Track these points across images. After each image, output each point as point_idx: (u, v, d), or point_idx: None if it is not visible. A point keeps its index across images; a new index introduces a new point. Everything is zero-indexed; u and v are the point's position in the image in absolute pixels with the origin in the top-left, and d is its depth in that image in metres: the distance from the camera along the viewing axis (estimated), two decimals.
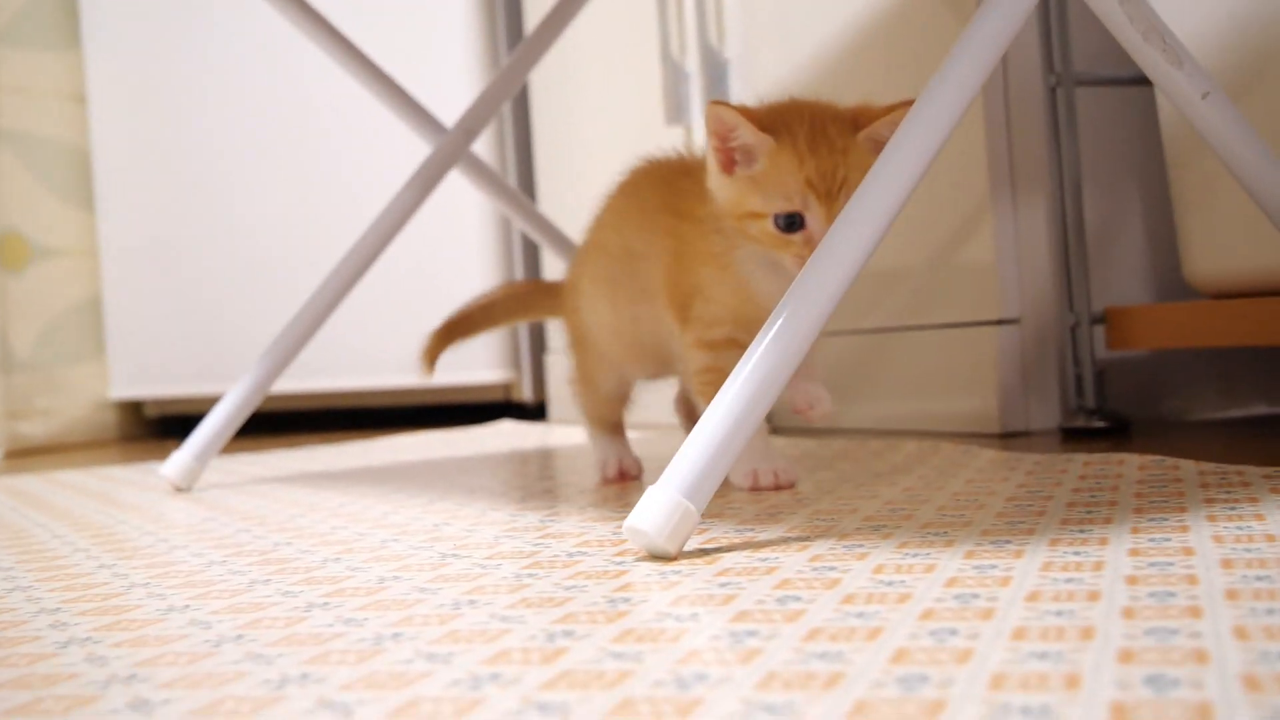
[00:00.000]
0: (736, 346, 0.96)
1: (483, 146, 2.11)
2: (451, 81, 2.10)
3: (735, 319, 0.97)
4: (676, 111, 1.72)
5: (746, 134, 0.90)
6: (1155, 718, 0.37)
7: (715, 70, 1.67)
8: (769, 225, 0.90)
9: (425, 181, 1.39)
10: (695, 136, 1.73)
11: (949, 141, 0.83)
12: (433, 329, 1.30)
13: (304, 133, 2.23)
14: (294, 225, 2.24)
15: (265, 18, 2.23)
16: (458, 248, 2.14)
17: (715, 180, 0.94)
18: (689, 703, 0.43)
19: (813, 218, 0.89)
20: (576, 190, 2.01)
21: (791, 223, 0.89)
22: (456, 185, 2.03)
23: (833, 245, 0.77)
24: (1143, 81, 1.35)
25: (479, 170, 1.49)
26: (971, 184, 1.33)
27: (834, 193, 0.88)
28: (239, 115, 2.28)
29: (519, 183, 2.17)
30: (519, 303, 1.34)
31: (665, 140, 1.78)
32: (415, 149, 2.02)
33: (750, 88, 1.62)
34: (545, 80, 2.08)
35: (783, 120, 0.91)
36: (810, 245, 0.88)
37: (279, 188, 2.25)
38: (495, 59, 2.14)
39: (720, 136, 0.91)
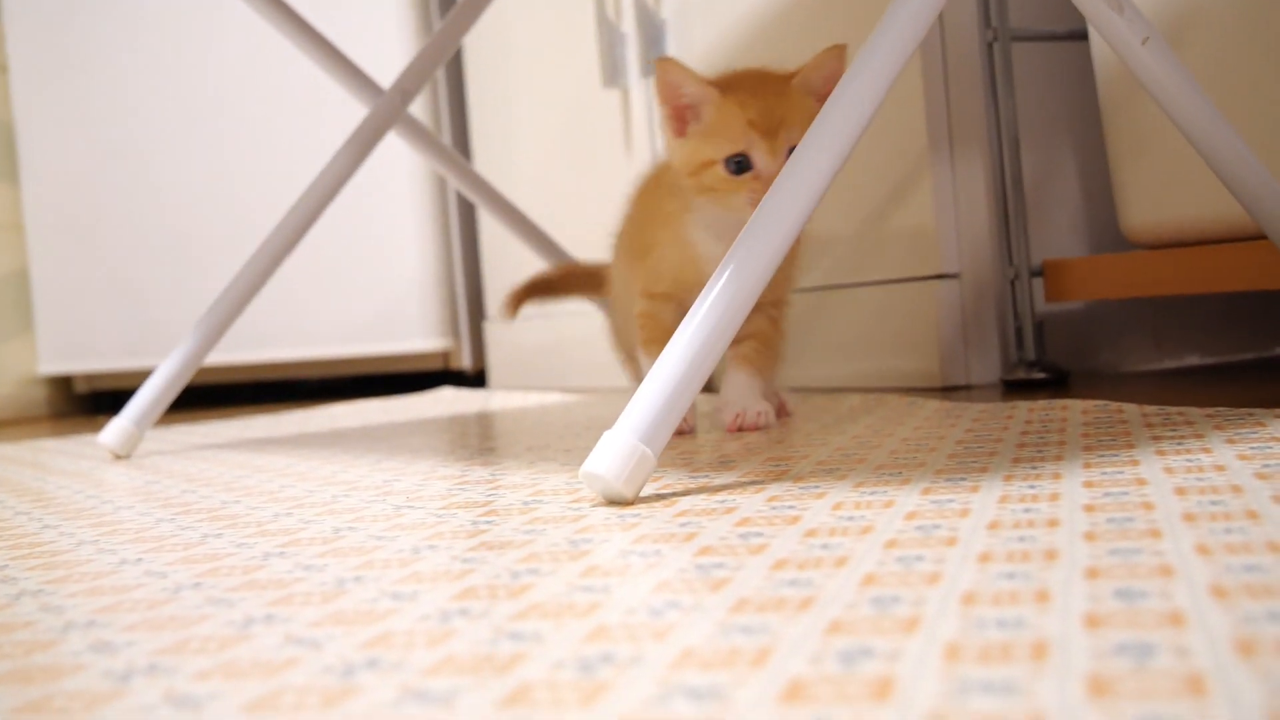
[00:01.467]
0: (673, 301, 1.06)
1: (417, 109, 2.09)
2: (383, 46, 2.08)
3: (677, 279, 1.05)
4: (613, 73, 1.71)
5: (692, 87, 0.97)
6: (1129, 623, 0.38)
7: (652, 31, 1.66)
8: (720, 170, 0.96)
9: (362, 143, 1.38)
10: (632, 99, 1.72)
11: (886, 99, 0.84)
12: (519, 283, 1.35)
13: (231, 101, 2.20)
14: (222, 195, 2.21)
15: None
16: (390, 213, 2.12)
17: (671, 144, 1.01)
18: (664, 627, 0.43)
19: (758, 155, 0.95)
20: (511, 152, 2.00)
21: (740, 164, 0.96)
22: (387, 152, 2.02)
23: (778, 196, 0.78)
24: (1078, 36, 1.36)
25: (416, 131, 1.48)
26: (910, 140, 1.34)
27: (775, 130, 0.94)
28: (165, 84, 2.24)
29: (454, 145, 2.15)
30: (585, 280, 1.39)
31: (602, 102, 1.77)
32: (343, 117, 2.00)
33: (687, 49, 1.62)
34: (479, 41, 2.06)
35: (725, 79, 0.99)
36: (760, 180, 0.94)
37: (206, 157, 2.22)
38: (428, 22, 2.12)
39: (670, 98, 0.98)
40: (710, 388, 1.28)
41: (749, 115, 0.95)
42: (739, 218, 0.94)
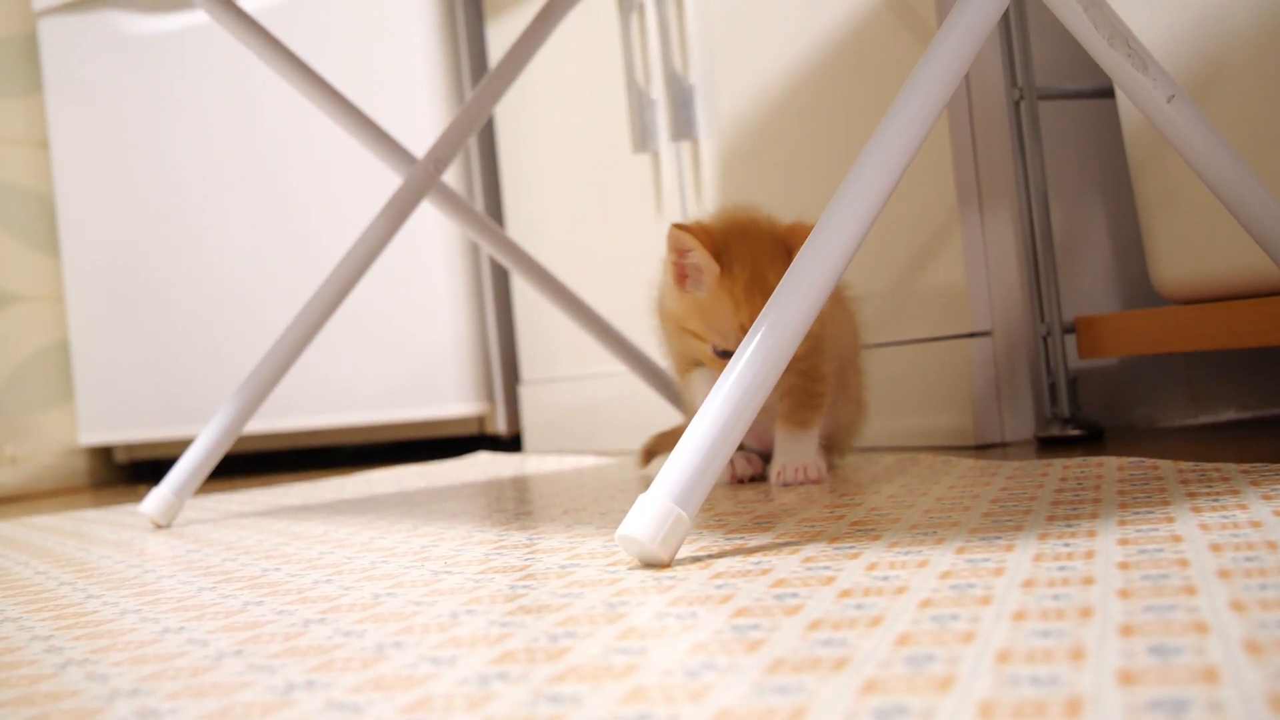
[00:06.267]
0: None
1: (450, 176, 2.12)
2: (416, 116, 2.11)
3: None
4: (643, 139, 1.73)
5: (697, 258, 1.03)
6: (1162, 680, 0.38)
7: (680, 96, 1.68)
8: (708, 349, 1.05)
9: (397, 212, 1.40)
10: (663, 163, 1.74)
11: (915, 157, 0.85)
12: (654, 434, 1.37)
13: (267, 172, 2.23)
14: (260, 265, 2.24)
15: (227, 57, 2.23)
16: (424, 279, 2.14)
17: (669, 290, 1.08)
18: (700, 688, 0.43)
19: None
20: (544, 217, 2.02)
21: (726, 355, 1.03)
22: (420, 218, 2.04)
23: (811, 255, 0.78)
24: (1104, 94, 1.37)
25: (449, 199, 1.50)
26: (939, 199, 1.35)
27: None
28: (202, 156, 2.28)
29: (487, 211, 2.18)
30: None
31: (632, 167, 1.79)
32: (377, 186, 2.03)
33: (714, 113, 1.63)
34: (511, 109, 2.09)
35: (730, 250, 1.03)
36: None
37: (244, 227, 2.25)
38: (460, 91, 2.15)
39: (677, 256, 1.05)
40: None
41: (741, 319, 1.01)
42: None
